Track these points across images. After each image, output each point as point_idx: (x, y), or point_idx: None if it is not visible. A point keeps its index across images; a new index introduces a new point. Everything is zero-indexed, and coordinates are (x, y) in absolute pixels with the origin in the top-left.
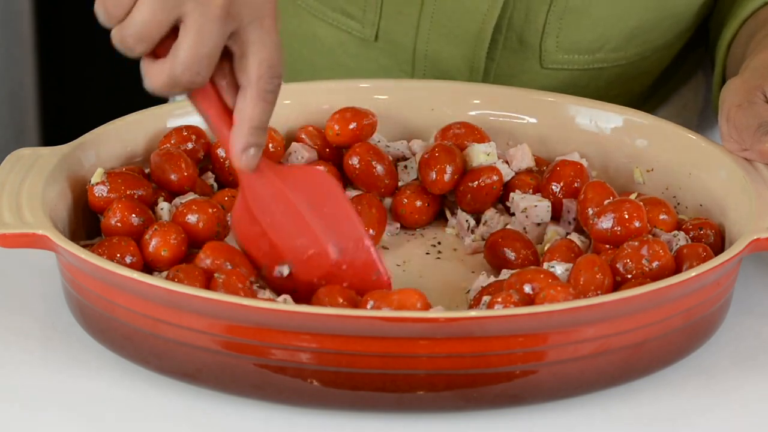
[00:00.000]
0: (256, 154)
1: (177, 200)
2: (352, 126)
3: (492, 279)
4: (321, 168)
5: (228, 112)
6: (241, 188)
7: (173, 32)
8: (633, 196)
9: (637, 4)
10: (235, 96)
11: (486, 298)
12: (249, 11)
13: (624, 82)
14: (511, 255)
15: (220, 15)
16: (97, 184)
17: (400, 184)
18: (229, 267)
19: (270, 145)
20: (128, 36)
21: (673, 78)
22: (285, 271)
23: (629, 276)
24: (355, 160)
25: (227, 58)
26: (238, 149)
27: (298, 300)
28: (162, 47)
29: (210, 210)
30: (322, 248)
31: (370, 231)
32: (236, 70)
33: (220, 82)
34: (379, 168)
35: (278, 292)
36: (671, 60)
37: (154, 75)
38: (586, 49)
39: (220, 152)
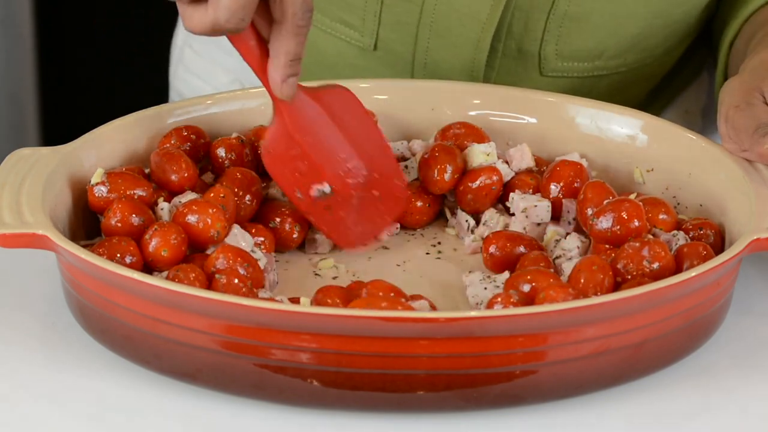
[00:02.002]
0: (293, 83)
1: (177, 200)
2: None
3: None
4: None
5: (262, 46)
6: (277, 117)
7: None
8: (633, 196)
9: (636, 12)
10: (268, 29)
11: (484, 298)
12: None
13: (624, 88)
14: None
15: None
16: (97, 184)
17: None
18: (242, 271)
19: None
20: None
21: (676, 82)
22: (326, 188)
23: (629, 277)
24: None
25: None
26: (278, 81)
27: (331, 219)
28: None
29: (210, 210)
30: (358, 160)
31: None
32: (271, 6)
33: (255, 18)
34: None
35: (312, 216)
36: (672, 65)
37: (196, 21)
38: (585, 56)
39: (220, 152)
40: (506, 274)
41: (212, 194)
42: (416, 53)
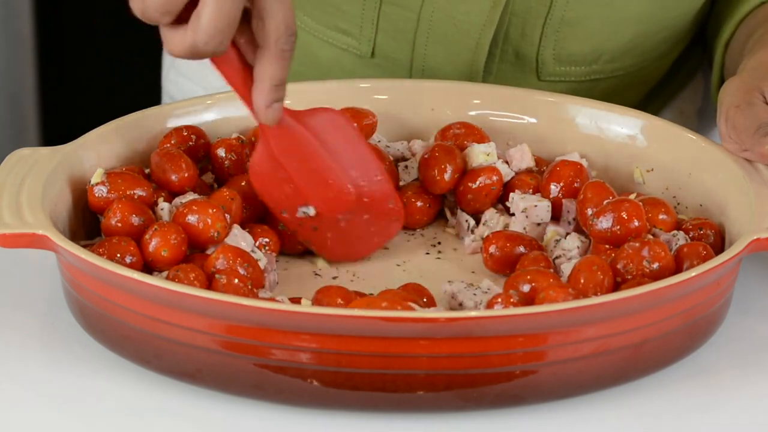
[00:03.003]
0: (278, 108)
1: (177, 200)
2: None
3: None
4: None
5: (246, 70)
6: (262, 140)
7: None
8: (633, 196)
9: (631, 16)
10: (253, 52)
11: (483, 298)
12: None
13: (621, 91)
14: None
15: None
16: (96, 184)
17: (401, 184)
18: (242, 271)
19: None
20: (151, 8)
21: (671, 84)
22: (311, 211)
23: (629, 277)
24: None
25: (244, 15)
26: (262, 106)
27: (318, 237)
28: (183, 11)
29: (210, 210)
30: (345, 185)
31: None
32: (254, 30)
33: (238, 40)
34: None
35: (298, 233)
36: (669, 68)
37: (176, 44)
38: (582, 60)
39: (220, 152)
40: (487, 282)
41: (219, 195)
42: (414, 60)
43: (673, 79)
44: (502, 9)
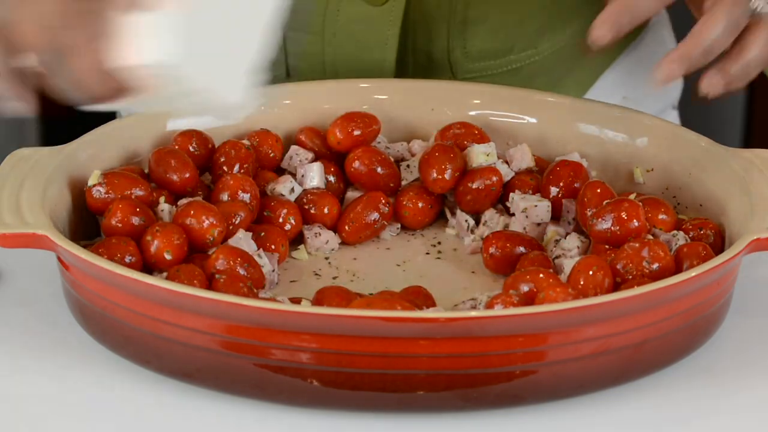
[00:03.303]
0: None
1: (181, 202)
2: (355, 133)
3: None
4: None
5: None
6: None
7: None
8: (632, 197)
9: (535, 8)
10: None
11: (484, 298)
12: None
13: (549, 71)
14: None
15: None
16: (94, 185)
17: (402, 183)
18: (242, 271)
19: (270, 151)
20: None
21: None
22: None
23: (629, 277)
24: (357, 164)
25: None
26: None
27: None
28: None
29: (207, 213)
30: None
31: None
32: None
33: None
34: (383, 171)
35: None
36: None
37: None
38: (494, 54)
39: (224, 155)
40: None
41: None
42: (327, 77)
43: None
44: (401, 22)
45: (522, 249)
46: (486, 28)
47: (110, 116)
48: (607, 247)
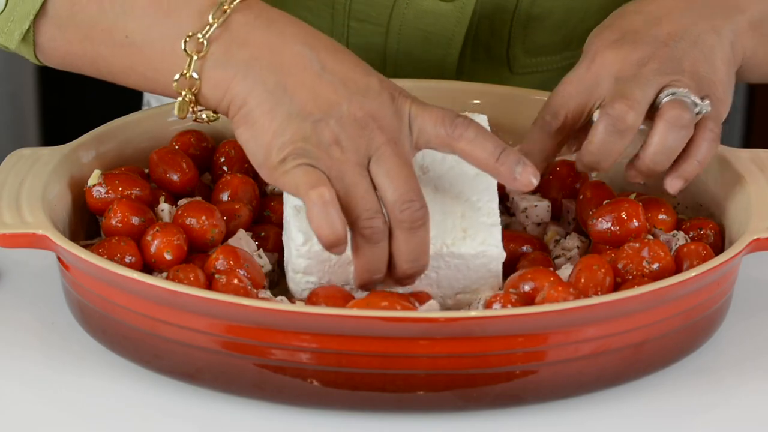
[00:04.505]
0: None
1: (181, 202)
2: None
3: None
4: None
5: None
6: None
7: None
8: (632, 197)
9: (592, 5)
10: None
11: (483, 298)
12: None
13: None
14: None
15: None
16: (94, 185)
17: None
18: (242, 271)
19: None
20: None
21: None
22: None
23: (630, 277)
24: None
25: None
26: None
27: None
28: None
29: (207, 213)
30: None
31: None
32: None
33: None
34: None
35: None
36: None
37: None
38: (553, 50)
39: (224, 155)
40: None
41: (228, 205)
42: (386, 71)
43: None
44: (469, 19)
45: (522, 249)
46: (549, 24)
47: (110, 116)
48: (607, 247)
